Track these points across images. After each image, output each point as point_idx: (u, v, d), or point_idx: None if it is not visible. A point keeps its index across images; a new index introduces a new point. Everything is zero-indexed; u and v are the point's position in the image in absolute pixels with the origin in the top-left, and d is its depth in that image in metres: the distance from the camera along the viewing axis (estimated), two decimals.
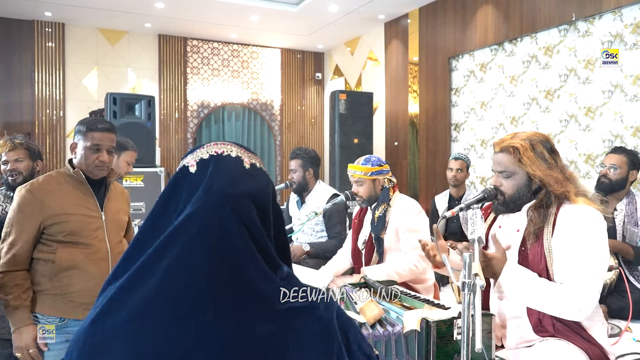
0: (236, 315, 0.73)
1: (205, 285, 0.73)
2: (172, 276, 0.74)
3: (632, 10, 4.19)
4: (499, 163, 1.74)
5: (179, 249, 0.75)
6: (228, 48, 8.15)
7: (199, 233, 0.75)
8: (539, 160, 1.67)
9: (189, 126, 7.87)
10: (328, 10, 6.59)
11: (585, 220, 1.60)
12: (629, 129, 4.23)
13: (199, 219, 0.76)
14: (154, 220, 0.82)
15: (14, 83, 6.81)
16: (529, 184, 1.69)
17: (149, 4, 6.30)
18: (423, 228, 2.58)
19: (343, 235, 3.48)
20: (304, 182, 3.61)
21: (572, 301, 1.53)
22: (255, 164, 0.86)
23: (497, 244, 1.66)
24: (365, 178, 2.62)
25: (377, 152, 6.95)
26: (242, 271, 0.75)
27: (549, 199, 1.67)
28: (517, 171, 1.69)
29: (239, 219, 0.77)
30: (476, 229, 1.55)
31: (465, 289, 1.28)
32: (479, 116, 5.71)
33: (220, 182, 0.80)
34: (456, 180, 4.26)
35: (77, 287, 1.97)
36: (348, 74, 8.19)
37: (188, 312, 0.72)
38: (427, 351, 1.41)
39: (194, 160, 0.84)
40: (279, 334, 0.75)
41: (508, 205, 1.75)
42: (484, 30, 5.53)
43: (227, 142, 0.88)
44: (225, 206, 0.77)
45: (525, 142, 1.69)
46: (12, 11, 6.55)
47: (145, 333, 0.71)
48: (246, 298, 0.74)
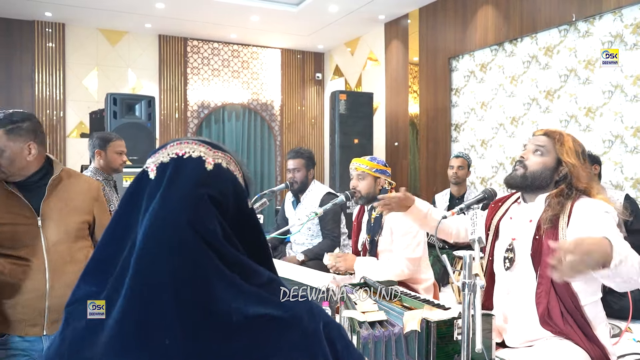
0: (204, 335, 0.69)
1: (168, 308, 0.69)
2: (135, 299, 0.70)
3: (632, 10, 4.19)
4: (537, 141, 1.83)
5: (140, 269, 0.70)
6: (228, 48, 8.16)
7: (158, 253, 0.71)
8: (574, 153, 1.77)
9: (189, 126, 7.87)
10: (328, 11, 6.60)
11: (600, 212, 1.64)
12: (629, 129, 4.23)
13: (156, 237, 0.71)
14: (115, 229, 0.77)
15: (14, 83, 6.81)
16: (555, 169, 1.77)
17: (149, 4, 6.30)
18: (416, 229, 2.57)
19: (335, 233, 3.48)
20: (306, 181, 3.61)
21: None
22: (220, 163, 0.79)
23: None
24: (369, 173, 2.64)
25: (377, 152, 6.95)
26: (208, 289, 0.70)
27: (570, 191, 1.73)
28: (551, 153, 1.78)
29: (197, 232, 0.71)
30: (476, 229, 1.56)
31: (465, 289, 1.28)
32: (479, 116, 5.71)
33: (177, 192, 0.74)
34: (457, 177, 4.27)
35: (11, 302, 1.80)
36: (348, 74, 8.19)
37: (154, 336, 0.68)
38: (427, 351, 1.41)
39: (154, 165, 0.78)
40: (255, 349, 0.71)
41: (525, 179, 1.79)
42: (484, 30, 5.53)
43: (193, 139, 0.82)
44: (181, 219, 0.72)
45: (569, 136, 1.81)
46: (12, 11, 6.55)
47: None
48: (214, 316, 0.70)
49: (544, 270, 1.67)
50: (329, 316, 0.81)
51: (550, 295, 1.66)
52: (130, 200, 0.77)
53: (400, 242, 2.53)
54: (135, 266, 0.71)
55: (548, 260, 1.57)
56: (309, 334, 0.75)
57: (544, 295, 1.68)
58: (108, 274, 0.74)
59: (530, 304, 1.72)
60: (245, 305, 0.71)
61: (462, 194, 4.31)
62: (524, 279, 1.77)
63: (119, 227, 0.77)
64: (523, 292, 1.76)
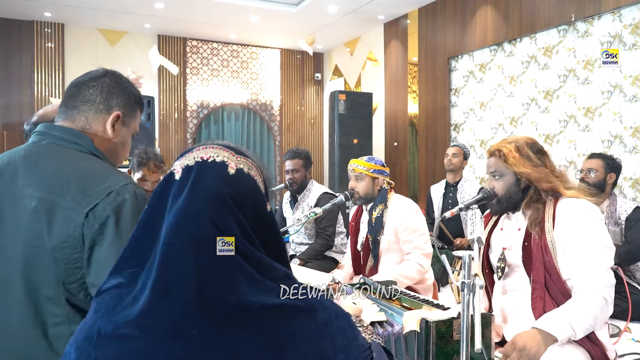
0: (229, 325, 0.74)
1: (192, 300, 0.73)
2: (161, 292, 0.74)
3: (631, 10, 4.19)
4: (489, 166, 1.90)
5: (165, 263, 0.75)
6: (227, 48, 8.16)
7: (182, 249, 0.75)
8: (524, 160, 1.80)
9: (188, 127, 7.87)
10: (327, 11, 6.60)
11: (584, 214, 1.69)
12: (628, 129, 4.23)
13: (180, 233, 0.76)
14: (144, 226, 0.82)
15: (14, 83, 6.81)
16: (517, 183, 1.81)
17: (149, 4, 6.30)
18: (422, 227, 2.60)
19: (328, 231, 3.49)
20: (305, 181, 3.60)
21: (601, 302, 1.59)
22: (242, 168, 0.84)
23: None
24: (367, 174, 2.64)
25: (376, 152, 6.96)
26: (230, 282, 0.75)
27: (539, 195, 1.78)
28: (505, 172, 1.83)
29: (219, 230, 0.76)
30: (475, 229, 1.56)
31: (464, 289, 1.28)
32: (478, 116, 5.71)
33: (200, 192, 0.79)
34: (451, 164, 4.33)
35: None
36: (347, 74, 8.19)
37: (181, 327, 0.72)
38: (426, 351, 1.41)
39: (180, 167, 0.83)
40: (275, 335, 0.76)
41: (502, 205, 1.86)
42: (484, 30, 5.54)
43: (218, 144, 0.86)
44: (204, 217, 0.77)
45: (510, 145, 1.84)
46: (12, 11, 6.55)
47: (140, 351, 0.72)
48: (236, 307, 0.74)
49: (536, 275, 1.72)
50: (340, 307, 0.87)
51: (546, 299, 1.70)
52: (158, 200, 0.82)
53: (409, 239, 2.55)
54: (161, 260, 0.75)
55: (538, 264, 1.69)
56: (323, 322, 0.80)
57: (539, 300, 1.71)
58: (137, 268, 0.79)
59: (526, 308, 1.75)
60: (266, 297, 0.77)
61: (457, 180, 4.37)
62: (519, 286, 1.81)
63: (147, 224, 0.81)
64: (519, 297, 1.80)
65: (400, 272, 2.47)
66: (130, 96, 1.31)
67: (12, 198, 1.14)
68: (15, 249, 1.11)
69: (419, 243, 2.54)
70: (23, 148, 1.22)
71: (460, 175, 4.38)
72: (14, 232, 1.12)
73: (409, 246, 2.55)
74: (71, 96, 1.27)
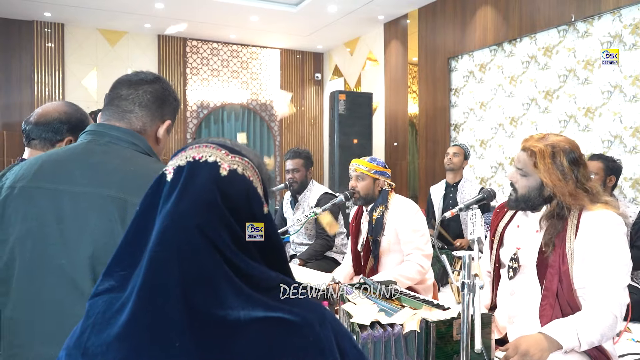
0: (214, 337, 0.70)
1: (177, 311, 0.70)
2: (145, 301, 0.71)
3: (631, 10, 4.19)
4: (518, 160, 1.75)
5: (150, 271, 0.72)
6: (227, 48, 8.16)
7: (168, 257, 0.72)
8: (554, 170, 1.66)
9: (188, 126, 7.87)
10: (327, 11, 6.60)
11: (608, 227, 1.61)
12: (628, 129, 4.24)
13: (167, 240, 0.72)
14: (136, 228, 0.79)
15: (14, 83, 6.81)
16: (540, 189, 1.70)
17: (149, 4, 6.30)
18: (422, 227, 2.60)
19: (327, 232, 3.49)
20: (305, 181, 3.60)
21: (611, 319, 1.58)
22: (235, 169, 0.79)
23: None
24: (368, 175, 2.64)
25: (376, 152, 6.96)
26: (217, 294, 0.71)
27: (562, 210, 1.67)
28: (532, 174, 1.70)
29: (206, 237, 0.72)
30: (475, 229, 1.56)
31: (464, 290, 1.28)
32: (478, 117, 5.71)
33: (189, 196, 0.75)
34: (452, 163, 4.32)
35: None
36: (347, 74, 8.19)
37: (163, 338, 0.69)
38: (426, 352, 1.41)
39: (172, 167, 0.79)
40: (264, 349, 0.71)
41: (519, 203, 1.76)
42: (484, 30, 5.54)
43: (213, 143, 0.82)
44: (191, 223, 0.72)
45: (547, 147, 1.68)
46: (12, 11, 6.55)
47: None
48: (222, 320, 0.70)
49: (550, 282, 1.66)
50: (342, 325, 0.81)
51: (555, 309, 1.66)
52: (150, 202, 0.78)
53: (409, 239, 2.55)
54: (146, 268, 0.72)
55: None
56: (319, 340, 0.74)
57: (548, 308, 1.66)
58: (127, 270, 0.76)
59: (533, 314, 1.71)
60: (254, 310, 0.72)
61: (457, 180, 4.37)
62: (528, 289, 1.76)
63: (139, 227, 0.78)
64: (527, 301, 1.75)
65: (401, 273, 2.48)
66: (176, 106, 1.42)
67: (73, 197, 1.16)
68: (80, 248, 1.13)
69: (420, 244, 2.55)
70: (79, 147, 1.25)
71: (460, 175, 4.38)
72: (78, 230, 1.14)
73: (410, 247, 2.55)
74: (124, 98, 1.32)
